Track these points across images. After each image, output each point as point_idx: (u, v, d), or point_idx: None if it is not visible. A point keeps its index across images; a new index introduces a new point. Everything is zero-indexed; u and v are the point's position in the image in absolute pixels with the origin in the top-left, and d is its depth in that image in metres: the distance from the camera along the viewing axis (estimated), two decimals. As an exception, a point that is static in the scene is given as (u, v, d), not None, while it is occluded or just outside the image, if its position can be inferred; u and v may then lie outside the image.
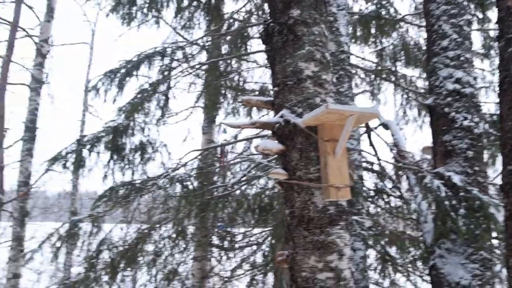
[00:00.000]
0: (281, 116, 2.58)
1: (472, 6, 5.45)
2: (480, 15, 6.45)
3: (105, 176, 5.93)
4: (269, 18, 2.93)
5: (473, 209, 3.29)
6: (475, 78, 4.10)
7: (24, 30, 10.71)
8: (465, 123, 3.86)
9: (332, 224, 2.40)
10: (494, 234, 3.58)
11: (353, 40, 9.04)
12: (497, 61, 4.16)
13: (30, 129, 9.71)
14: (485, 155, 4.11)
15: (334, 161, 2.39)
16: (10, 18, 10.39)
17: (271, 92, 2.85)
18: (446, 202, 3.28)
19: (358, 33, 8.84)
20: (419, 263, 6.72)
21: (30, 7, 11.03)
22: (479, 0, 5.26)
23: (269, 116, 8.24)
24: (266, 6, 8.06)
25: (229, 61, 9.17)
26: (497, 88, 2.58)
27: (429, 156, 4.24)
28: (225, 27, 9.53)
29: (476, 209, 3.28)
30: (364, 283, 4.30)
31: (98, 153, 5.93)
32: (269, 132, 2.79)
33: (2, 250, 9.92)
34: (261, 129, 2.64)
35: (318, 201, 2.41)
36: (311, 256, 2.36)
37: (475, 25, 6.95)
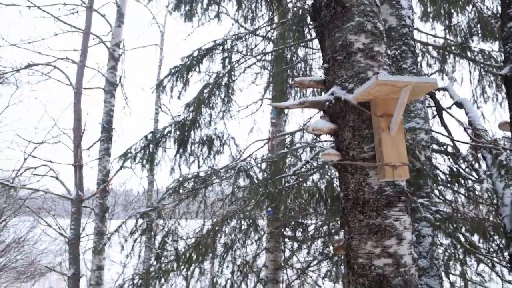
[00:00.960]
0: (332, 94, 2.43)
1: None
2: None
3: (173, 169, 6.05)
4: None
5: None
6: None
7: (97, 36, 11.22)
8: (547, 92, 3.46)
9: (390, 206, 2.21)
10: None
11: (424, 18, 8.58)
12: None
13: (107, 129, 10.16)
14: None
15: (389, 137, 2.20)
16: (82, 26, 10.93)
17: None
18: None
19: (429, 9, 8.38)
20: (505, 253, 6.21)
21: (102, 15, 11.52)
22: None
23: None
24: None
25: (294, 50, 9.01)
26: None
27: (508, 133, 3.86)
28: (289, 16, 9.39)
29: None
30: (434, 272, 4.01)
31: (165, 148, 6.04)
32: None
33: (87, 244, 10.54)
34: (311, 108, 2.49)
35: (373, 182, 2.23)
36: (368, 241, 2.20)
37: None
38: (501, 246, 6.08)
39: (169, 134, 6.25)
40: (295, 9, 9.50)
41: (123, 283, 5.79)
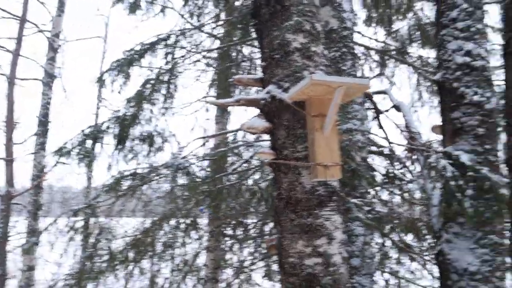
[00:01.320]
0: (268, 92, 2.41)
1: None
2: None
3: (110, 166, 5.86)
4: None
5: (482, 190, 3.07)
6: (487, 50, 3.83)
7: (35, 25, 10.73)
8: (475, 98, 3.60)
9: (321, 205, 2.23)
10: (506, 217, 3.34)
11: (368, 22, 8.79)
12: None
13: (43, 123, 9.74)
14: (497, 132, 3.83)
15: (322, 137, 2.21)
16: (20, 13, 10.42)
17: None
18: (452, 183, 3.07)
19: (372, 14, 8.59)
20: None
21: (41, 2, 11.05)
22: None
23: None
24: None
25: (239, 48, 8.99)
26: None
27: (439, 136, 4.01)
28: (235, 13, 9.36)
29: (485, 190, 3.06)
30: (366, 271, 4.11)
31: (102, 144, 5.84)
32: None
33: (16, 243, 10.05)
34: (248, 106, 2.47)
35: (305, 182, 2.24)
36: (299, 240, 2.20)
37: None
38: (432, 245, 6.33)
39: (108, 130, 6.05)
40: (242, 6, 9.49)
41: (55, 284, 5.55)
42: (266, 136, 2.55)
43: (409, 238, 7.57)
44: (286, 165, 2.28)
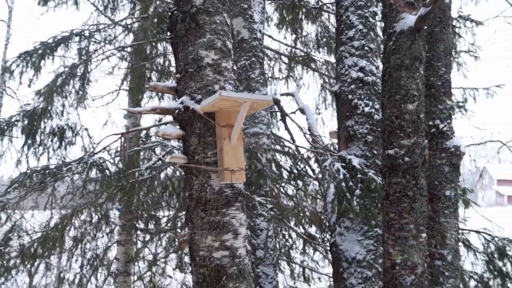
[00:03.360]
0: (181, 103, 2.66)
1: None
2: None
3: (19, 161, 5.76)
4: (173, 6, 2.98)
5: (369, 190, 3.55)
6: (377, 67, 4.37)
7: None
8: (366, 109, 4.12)
9: (228, 205, 2.53)
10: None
11: (278, 26, 9.23)
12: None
13: None
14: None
15: (229, 145, 2.52)
16: None
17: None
18: (343, 184, 3.52)
19: (284, 18, 9.04)
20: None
21: None
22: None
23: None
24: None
25: (154, 44, 9.06)
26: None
27: (335, 140, 4.49)
28: (151, 9, 9.40)
29: (371, 189, 3.55)
30: (269, 261, 4.51)
31: (11, 137, 5.74)
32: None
33: None
34: (162, 115, 2.71)
35: (214, 184, 2.53)
36: (208, 236, 2.49)
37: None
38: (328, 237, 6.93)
39: (16, 123, 5.93)
40: (157, 2, 9.55)
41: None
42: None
43: (312, 229, 8.18)
44: (197, 169, 2.55)
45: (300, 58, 8.63)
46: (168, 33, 3.02)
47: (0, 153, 5.64)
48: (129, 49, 8.95)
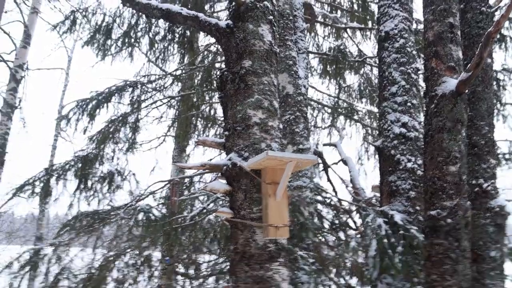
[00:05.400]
0: (229, 159, 2.80)
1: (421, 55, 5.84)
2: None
3: (71, 205, 6.04)
4: (224, 67, 3.19)
5: (411, 246, 3.54)
6: (420, 123, 4.41)
7: (-1, 55, 10.79)
8: (409, 165, 4.15)
9: (271, 260, 2.61)
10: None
11: (321, 76, 9.44)
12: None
13: (0, 153, 9.73)
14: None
15: (274, 202, 2.62)
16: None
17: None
18: (385, 240, 3.53)
19: (327, 70, 9.26)
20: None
21: (6, 33, 11.15)
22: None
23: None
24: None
25: (201, 93, 9.41)
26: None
27: (378, 194, 4.52)
28: (199, 59, 9.83)
29: (413, 246, 3.54)
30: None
31: (66, 180, 6.04)
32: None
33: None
34: (211, 171, 2.85)
35: (259, 239, 2.62)
36: (251, 290, 2.56)
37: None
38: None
39: (70, 168, 6.26)
40: (205, 53, 9.98)
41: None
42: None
43: (353, 281, 8.01)
44: (243, 224, 2.66)
45: (343, 110, 8.75)
46: (217, 90, 3.21)
47: (55, 197, 5.94)
48: (177, 98, 9.32)
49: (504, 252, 3.54)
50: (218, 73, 3.22)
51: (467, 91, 3.05)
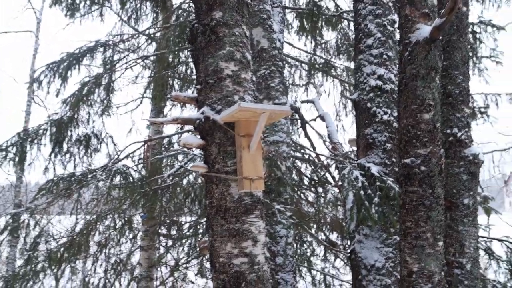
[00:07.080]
0: (202, 113, 2.75)
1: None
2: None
3: (46, 169, 5.95)
4: (194, 18, 3.08)
5: (387, 197, 3.58)
6: (396, 75, 4.39)
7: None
8: (385, 117, 4.15)
9: (247, 213, 2.60)
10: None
11: (299, 33, 9.30)
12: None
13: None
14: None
15: (248, 155, 2.59)
16: None
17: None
18: (362, 192, 3.56)
19: (304, 26, 9.11)
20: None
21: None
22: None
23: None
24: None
25: (176, 52, 9.21)
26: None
27: (355, 148, 4.53)
28: (173, 18, 9.58)
29: (390, 197, 3.58)
30: (289, 268, 4.55)
31: (40, 145, 5.92)
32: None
33: None
34: (184, 125, 2.80)
35: (234, 192, 2.60)
36: (228, 243, 2.56)
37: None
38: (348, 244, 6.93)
39: (45, 132, 6.12)
40: (179, 11, 9.72)
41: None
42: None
43: (333, 236, 8.18)
44: (218, 178, 2.63)
45: (320, 65, 8.68)
46: (189, 45, 3.12)
47: (29, 161, 5.83)
48: (152, 58, 9.13)
49: (477, 200, 3.61)
50: (189, 25, 3.12)
51: (442, 39, 3.01)
